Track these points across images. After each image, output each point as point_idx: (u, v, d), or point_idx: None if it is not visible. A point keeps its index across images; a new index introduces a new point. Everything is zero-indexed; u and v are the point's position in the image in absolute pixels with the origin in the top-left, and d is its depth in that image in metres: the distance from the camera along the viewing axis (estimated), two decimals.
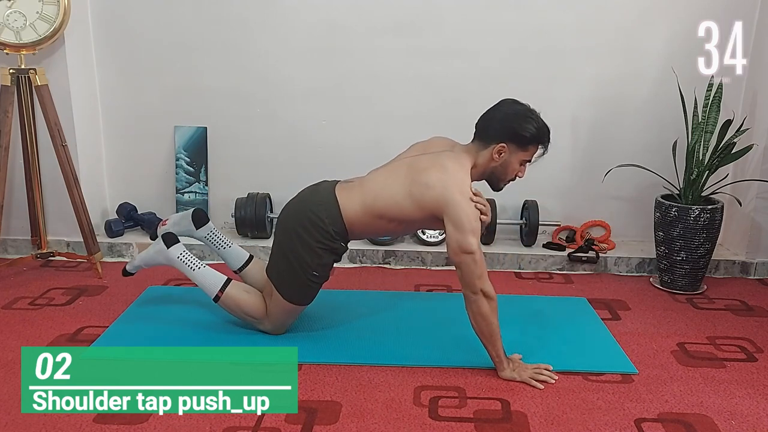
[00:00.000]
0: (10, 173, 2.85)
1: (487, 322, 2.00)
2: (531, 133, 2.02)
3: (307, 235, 2.11)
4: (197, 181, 3.27)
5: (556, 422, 1.84)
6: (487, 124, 2.08)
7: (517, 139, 2.03)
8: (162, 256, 2.32)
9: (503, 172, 2.11)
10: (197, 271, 2.26)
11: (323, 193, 2.16)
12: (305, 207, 2.14)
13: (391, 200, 2.08)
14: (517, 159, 2.07)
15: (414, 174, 2.06)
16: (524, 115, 2.03)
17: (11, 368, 2.05)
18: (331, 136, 3.20)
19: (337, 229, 2.12)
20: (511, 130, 2.02)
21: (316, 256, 2.13)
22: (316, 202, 2.14)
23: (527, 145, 2.05)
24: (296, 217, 2.14)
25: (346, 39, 3.08)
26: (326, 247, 2.13)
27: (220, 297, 2.24)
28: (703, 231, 2.72)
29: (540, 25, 3.03)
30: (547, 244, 3.19)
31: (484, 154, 2.07)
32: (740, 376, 2.12)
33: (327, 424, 1.81)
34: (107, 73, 3.16)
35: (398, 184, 2.08)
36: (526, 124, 2.02)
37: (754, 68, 2.94)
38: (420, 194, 2.03)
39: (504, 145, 2.04)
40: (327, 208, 2.12)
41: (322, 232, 2.11)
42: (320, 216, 2.11)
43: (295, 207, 2.19)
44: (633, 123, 3.13)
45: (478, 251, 1.98)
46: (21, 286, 2.75)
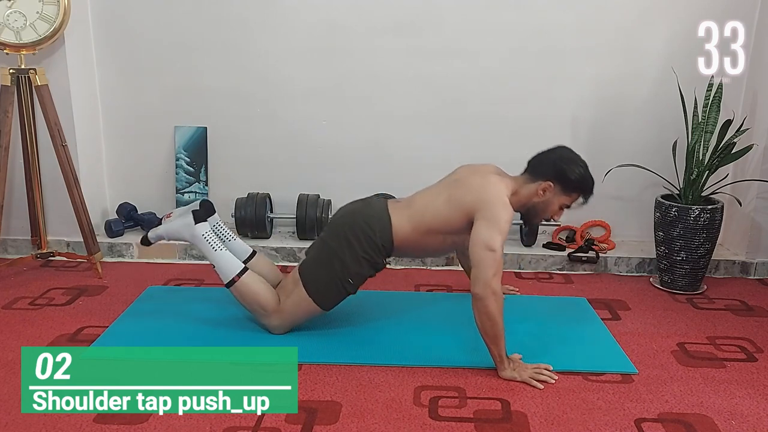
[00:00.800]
0: (10, 173, 2.85)
1: (492, 322, 2.00)
2: (578, 179, 2.14)
3: (357, 243, 2.18)
4: (197, 181, 3.27)
5: (556, 422, 1.84)
6: (540, 161, 2.19)
7: (564, 182, 2.14)
8: (187, 231, 2.31)
9: (542, 209, 2.21)
10: (218, 252, 2.27)
11: (376, 208, 2.25)
12: (359, 217, 2.22)
13: (436, 212, 2.18)
14: (558, 201, 2.18)
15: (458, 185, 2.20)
16: (577, 162, 2.16)
17: (11, 368, 2.05)
18: (331, 136, 3.21)
19: (386, 243, 2.20)
20: (561, 172, 2.13)
21: (359, 265, 2.19)
22: (369, 215, 2.22)
23: (571, 191, 2.16)
24: (349, 224, 2.21)
25: (346, 39, 3.08)
26: (370, 259, 2.20)
27: (236, 282, 2.23)
28: (703, 231, 2.72)
29: (540, 25, 3.03)
30: (547, 244, 3.19)
31: (530, 187, 2.17)
32: (740, 376, 2.12)
33: (327, 424, 1.81)
34: (107, 73, 3.16)
35: (442, 198, 2.20)
36: (577, 170, 2.14)
37: (754, 68, 2.94)
38: (460, 195, 2.15)
39: (551, 183, 2.14)
40: (379, 222, 2.20)
41: (371, 243, 2.18)
42: (373, 228, 2.19)
43: (349, 215, 2.27)
44: (633, 123, 3.13)
45: (500, 251, 2.03)
46: (21, 286, 2.75)
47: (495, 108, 3.14)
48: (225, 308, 2.48)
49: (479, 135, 3.18)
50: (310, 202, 3.11)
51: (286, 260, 3.09)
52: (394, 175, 3.24)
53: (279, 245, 3.11)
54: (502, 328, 2.02)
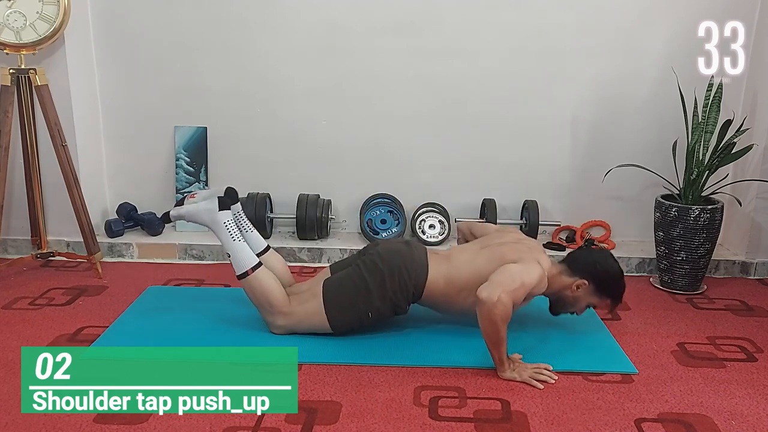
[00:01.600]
0: (10, 173, 2.85)
1: (495, 328, 2.01)
2: (614, 288, 2.22)
3: (390, 282, 2.19)
4: (197, 181, 3.27)
5: (556, 422, 1.84)
6: (583, 259, 2.26)
7: (599, 285, 2.21)
8: (208, 216, 2.30)
9: (571, 303, 2.26)
10: (236, 243, 2.26)
11: (418, 255, 2.26)
12: (400, 259, 2.23)
13: (474, 269, 2.19)
14: (587, 300, 2.24)
15: (501, 247, 2.25)
16: (617, 271, 2.24)
17: (11, 368, 2.05)
18: (331, 136, 3.21)
19: (417, 291, 2.23)
20: (600, 276, 2.21)
21: (383, 303, 2.21)
22: (411, 259, 2.24)
23: (604, 295, 2.23)
24: (389, 263, 2.22)
25: (346, 39, 3.08)
26: (396, 301, 2.22)
27: (249, 275, 2.23)
28: (703, 231, 2.72)
29: (540, 25, 3.03)
30: (547, 244, 3.19)
31: (565, 279, 2.22)
32: (740, 376, 2.12)
33: (327, 424, 1.81)
34: (107, 73, 3.16)
35: (484, 257, 2.22)
36: (615, 278, 2.22)
37: (754, 68, 2.94)
38: (501, 253, 2.19)
39: (586, 282, 2.20)
40: (417, 269, 2.22)
41: (403, 287, 2.20)
42: (410, 273, 2.21)
43: (391, 253, 2.26)
44: (633, 123, 3.13)
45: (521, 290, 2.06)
46: (21, 286, 2.75)
47: (495, 108, 3.14)
48: (225, 308, 2.48)
49: (479, 135, 3.18)
50: (310, 202, 3.11)
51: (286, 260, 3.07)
52: (394, 175, 3.25)
53: (279, 245, 3.11)
54: (505, 334, 2.03)
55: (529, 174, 3.23)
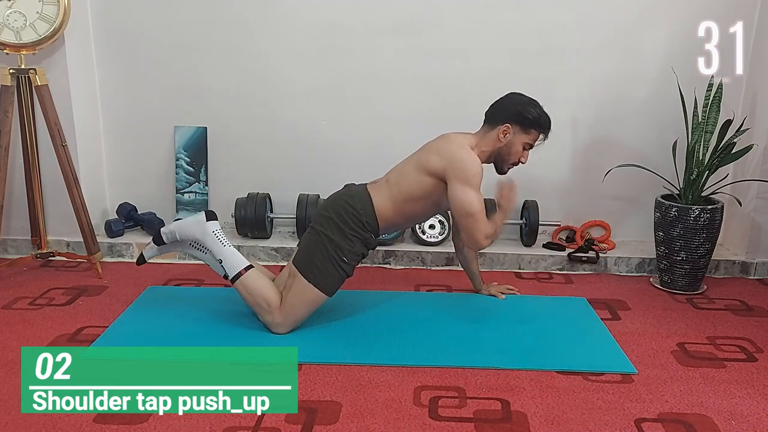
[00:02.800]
0: (10, 173, 2.85)
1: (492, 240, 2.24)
2: (533, 115, 2.26)
3: (342, 222, 2.26)
4: (197, 181, 3.27)
5: (556, 422, 1.84)
6: (495, 109, 2.33)
7: (520, 121, 2.26)
8: (199, 228, 2.37)
9: (507, 152, 2.31)
10: (227, 248, 2.34)
11: (356, 190, 2.36)
12: (340, 199, 2.32)
13: (409, 179, 2.28)
14: (520, 141, 2.29)
15: (421, 151, 2.33)
16: (529, 102, 2.29)
17: (11, 368, 2.05)
18: (331, 136, 3.21)
19: (370, 219, 2.29)
20: (516, 112, 2.27)
21: (349, 242, 2.26)
22: (350, 195, 2.32)
23: (530, 128, 2.28)
24: (332, 207, 2.31)
25: (346, 39, 3.08)
26: (359, 236, 2.28)
27: (242, 275, 2.28)
28: (703, 231, 2.72)
29: (540, 25, 3.03)
30: (547, 244, 3.19)
31: (491, 135, 2.30)
32: (740, 376, 2.12)
33: (327, 424, 1.81)
34: (107, 73, 3.16)
35: (412, 165, 2.31)
36: (530, 108, 2.27)
37: (754, 68, 2.95)
38: (425, 158, 2.26)
39: (509, 125, 2.27)
40: (360, 200, 2.30)
41: (355, 221, 2.27)
42: (355, 207, 2.28)
43: (330, 200, 2.37)
44: (633, 123, 3.13)
45: (480, 210, 2.17)
46: (21, 286, 2.75)
47: None
48: (225, 308, 2.48)
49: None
50: (310, 202, 3.11)
51: (286, 260, 3.09)
52: None
53: (279, 245, 3.11)
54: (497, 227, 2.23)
55: (529, 174, 3.21)
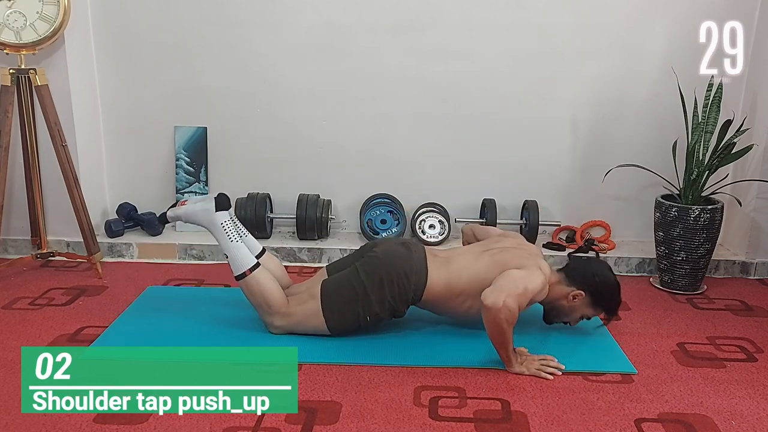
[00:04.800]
0: (10, 173, 2.85)
1: (501, 332, 2.02)
2: (609, 301, 2.24)
3: (389, 288, 2.17)
4: (197, 181, 3.27)
5: (556, 422, 1.84)
6: (581, 269, 2.26)
7: (596, 297, 2.22)
8: (206, 216, 2.29)
9: (566, 313, 2.27)
10: (234, 243, 2.26)
11: (417, 258, 2.23)
12: (400, 263, 2.20)
13: (475, 276, 2.17)
14: (581, 311, 2.25)
15: (503, 252, 2.24)
16: (614, 284, 2.24)
17: (11, 368, 2.05)
18: (331, 136, 3.21)
19: (416, 296, 2.21)
20: (597, 288, 2.22)
21: (381, 308, 2.19)
22: (410, 263, 2.20)
23: (599, 307, 2.25)
24: (388, 268, 2.19)
25: (346, 39, 3.08)
26: (394, 306, 2.20)
27: (247, 276, 2.23)
28: (703, 231, 2.72)
29: (540, 25, 3.03)
30: (547, 244, 3.19)
31: (562, 288, 2.23)
32: (740, 376, 2.12)
33: (327, 424, 1.81)
34: (107, 73, 3.16)
35: (484, 262, 2.21)
36: (612, 292, 2.24)
37: (754, 68, 2.94)
38: (504, 258, 2.18)
39: (583, 293, 2.21)
40: (417, 274, 2.19)
41: (402, 293, 2.18)
42: (409, 278, 2.18)
43: (390, 257, 2.22)
44: (633, 123, 3.13)
45: (523, 293, 2.05)
46: (21, 286, 2.75)
47: (495, 108, 3.14)
48: (225, 308, 2.48)
49: (479, 135, 3.18)
50: (310, 202, 3.11)
51: (286, 260, 3.09)
52: (394, 175, 3.25)
53: (279, 245, 3.11)
54: (511, 335, 2.04)
55: (529, 174, 3.23)
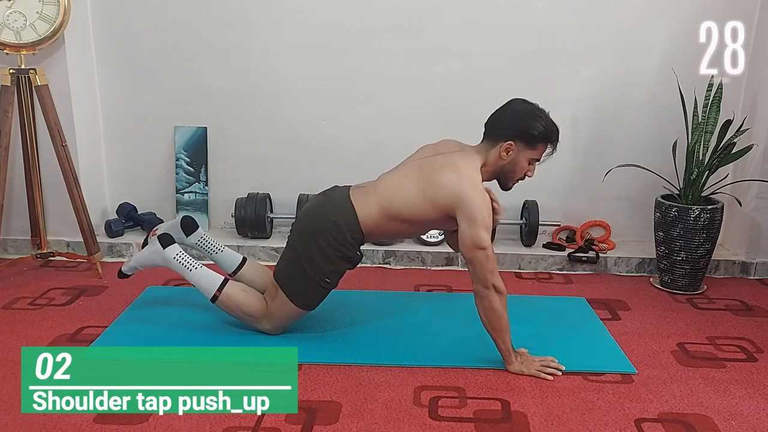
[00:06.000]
0: (10, 173, 2.85)
1: (497, 317, 2.01)
2: (539, 131, 2.05)
3: (325, 242, 2.11)
4: (197, 181, 3.27)
5: (556, 422, 1.84)
6: (496, 123, 2.11)
7: (524, 137, 2.06)
8: (158, 257, 2.30)
9: (512, 170, 2.13)
10: (194, 272, 2.26)
11: (338, 200, 2.15)
12: (323, 214, 2.14)
13: (406, 201, 2.09)
14: (525, 157, 2.10)
15: (426, 174, 2.09)
16: (532, 114, 2.06)
17: (11, 368, 2.05)
18: (331, 136, 3.20)
19: (355, 235, 2.13)
20: (519, 128, 2.05)
21: (331, 263, 2.13)
22: (333, 209, 2.13)
23: (535, 144, 2.07)
24: (314, 225, 2.14)
25: (346, 39, 3.08)
26: (342, 255, 2.13)
27: (218, 297, 2.23)
28: (703, 231, 2.72)
29: (540, 25, 3.03)
30: (547, 244, 3.19)
31: (493, 153, 2.10)
32: (740, 376, 2.12)
33: (327, 424, 1.81)
34: (107, 73, 3.16)
35: (412, 185, 2.10)
36: (534, 122, 2.04)
37: (754, 68, 2.94)
38: (433, 193, 2.05)
39: (512, 143, 2.06)
40: (344, 214, 2.11)
41: (339, 240, 2.11)
42: (338, 223, 2.10)
43: (312, 214, 2.19)
44: (633, 123, 3.13)
45: (490, 247, 2.00)
46: (21, 286, 2.75)
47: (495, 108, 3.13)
48: None
49: (479, 135, 3.16)
50: None
51: None
52: None
53: (279, 245, 3.11)
54: (507, 322, 2.03)
55: None
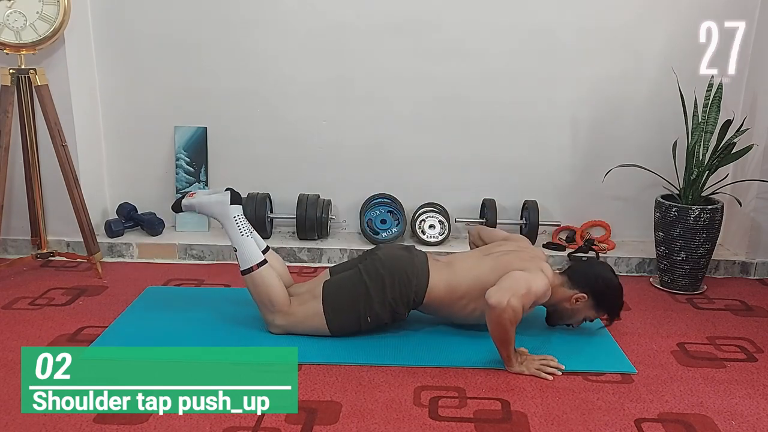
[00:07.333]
0: (10, 173, 2.85)
1: (504, 331, 2.03)
2: (611, 303, 2.26)
3: (391, 288, 2.19)
4: (197, 181, 3.27)
5: (556, 422, 1.84)
6: (584, 272, 2.28)
7: (598, 300, 2.24)
8: (219, 208, 2.30)
9: (568, 315, 2.29)
10: (244, 238, 2.26)
11: (418, 261, 2.25)
12: (401, 264, 2.23)
13: (476, 280, 2.18)
14: (584, 313, 2.27)
15: (505, 256, 2.25)
16: (617, 287, 2.26)
17: (11, 368, 2.05)
18: (331, 136, 3.21)
19: (418, 297, 2.22)
20: (600, 291, 2.23)
21: (382, 308, 2.20)
22: (412, 266, 2.23)
23: (601, 310, 2.27)
24: (390, 268, 2.21)
25: (346, 39, 3.08)
26: (395, 307, 2.21)
27: (253, 271, 2.23)
28: (703, 231, 2.72)
29: (540, 25, 3.03)
30: (547, 244, 3.19)
31: (564, 291, 2.24)
32: (740, 376, 2.12)
33: (327, 424, 1.81)
34: (107, 73, 3.16)
35: (486, 266, 2.22)
36: (614, 294, 2.25)
37: (754, 68, 2.94)
38: (506, 262, 2.19)
39: (585, 296, 2.22)
40: (419, 276, 2.21)
41: (403, 293, 2.20)
42: (411, 280, 2.20)
43: (392, 259, 2.25)
44: (633, 123, 3.13)
45: (527, 294, 2.06)
46: (21, 286, 2.75)
47: (495, 108, 3.14)
48: (225, 308, 2.48)
49: (479, 135, 3.18)
50: (310, 202, 3.11)
51: (286, 260, 3.07)
52: (394, 175, 3.25)
53: (279, 245, 3.11)
54: (513, 335, 2.05)
55: (529, 174, 3.23)
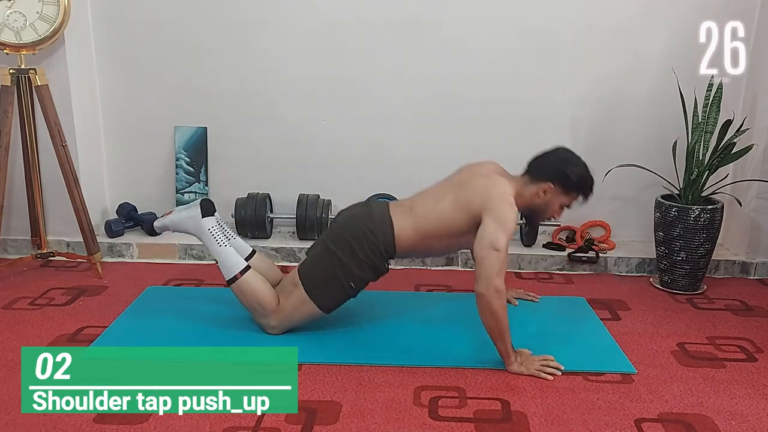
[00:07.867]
0: (10, 173, 2.85)
1: (497, 319, 2.02)
2: (578, 180, 2.18)
3: (359, 247, 2.18)
4: (197, 181, 3.27)
5: (556, 422, 1.84)
6: (540, 163, 2.23)
7: (564, 183, 2.18)
8: (193, 223, 2.31)
9: (543, 210, 2.26)
10: (222, 248, 2.27)
11: (378, 214, 2.24)
12: (362, 222, 2.22)
13: (440, 216, 2.19)
14: (558, 201, 2.22)
15: (461, 187, 2.21)
16: (576, 163, 2.20)
17: (11, 368, 2.05)
18: (331, 136, 3.21)
19: (389, 248, 2.21)
20: (561, 173, 2.17)
21: (361, 269, 2.19)
22: (372, 220, 2.22)
23: (571, 191, 2.20)
24: (352, 229, 2.21)
25: (346, 39, 3.08)
26: (372, 264, 2.20)
27: (238, 279, 2.23)
28: (703, 231, 2.72)
29: (540, 25, 3.03)
30: (547, 244, 3.19)
31: (531, 189, 2.20)
32: (740, 376, 2.12)
33: (327, 424, 1.81)
34: (107, 73, 3.16)
35: (447, 201, 2.20)
36: (576, 170, 2.18)
37: (754, 68, 2.94)
38: (466, 198, 2.16)
39: (550, 185, 2.18)
40: (382, 227, 2.20)
41: (373, 249, 2.18)
42: (375, 233, 2.19)
43: (351, 219, 2.26)
44: (633, 123, 3.13)
45: (505, 250, 2.05)
46: (21, 286, 2.75)
47: (495, 108, 3.14)
48: (225, 308, 2.48)
49: (479, 135, 3.18)
50: (310, 202, 3.11)
51: (286, 260, 3.09)
52: (394, 175, 3.24)
53: (279, 245, 3.11)
54: (507, 324, 2.04)
55: None
